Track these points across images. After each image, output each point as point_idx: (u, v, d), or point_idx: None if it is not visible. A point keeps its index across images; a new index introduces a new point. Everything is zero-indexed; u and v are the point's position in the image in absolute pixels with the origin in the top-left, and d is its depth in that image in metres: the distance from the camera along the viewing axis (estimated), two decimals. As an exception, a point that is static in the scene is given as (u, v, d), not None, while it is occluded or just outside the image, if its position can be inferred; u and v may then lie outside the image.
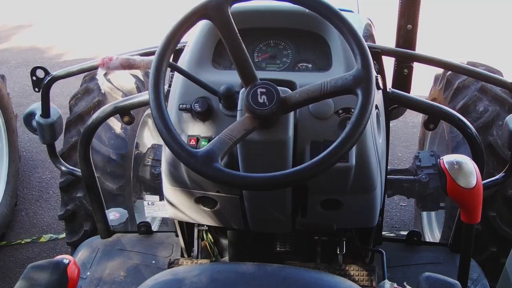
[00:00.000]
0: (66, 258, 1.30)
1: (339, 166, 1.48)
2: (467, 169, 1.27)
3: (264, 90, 1.30)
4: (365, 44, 1.31)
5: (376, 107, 1.65)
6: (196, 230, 2.00)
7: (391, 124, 1.94)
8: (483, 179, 1.92)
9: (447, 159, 1.28)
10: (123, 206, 2.58)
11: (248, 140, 1.36)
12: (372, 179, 1.57)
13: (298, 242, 1.99)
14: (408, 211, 3.34)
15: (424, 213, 3.00)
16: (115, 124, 2.66)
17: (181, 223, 1.99)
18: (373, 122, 1.58)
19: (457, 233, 2.02)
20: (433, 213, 3.01)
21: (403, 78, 2.42)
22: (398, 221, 3.30)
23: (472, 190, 1.27)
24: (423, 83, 2.94)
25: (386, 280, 1.77)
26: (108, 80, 2.75)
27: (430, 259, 2.01)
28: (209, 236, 2.02)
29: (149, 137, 3.10)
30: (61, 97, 4.56)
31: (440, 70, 2.98)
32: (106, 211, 2.20)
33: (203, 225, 1.97)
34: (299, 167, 1.22)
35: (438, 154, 2.85)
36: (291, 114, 1.40)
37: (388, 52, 1.92)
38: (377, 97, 1.70)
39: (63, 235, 3.07)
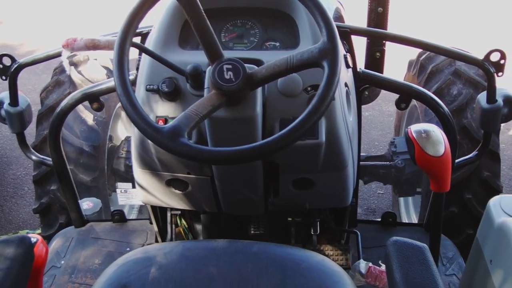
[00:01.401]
0: (34, 237, 1.28)
1: (309, 143, 1.47)
2: (435, 137, 1.27)
3: (230, 66, 1.30)
4: (330, 16, 1.30)
5: (346, 85, 1.65)
6: (169, 215, 1.99)
7: (367, 114, 1.95)
8: (456, 159, 1.93)
9: (414, 128, 1.27)
10: (98, 198, 2.55)
11: (216, 117, 1.36)
12: (343, 156, 1.56)
13: (272, 224, 1.98)
14: (385, 199, 3.35)
15: (401, 199, 3.00)
16: (87, 116, 2.63)
17: (154, 209, 1.97)
18: (343, 99, 1.57)
19: (430, 212, 2.03)
20: (410, 198, 3.01)
21: (375, 62, 2.42)
22: (376, 208, 3.30)
23: (440, 158, 1.27)
24: (399, 71, 2.94)
25: (361, 260, 1.77)
26: (79, 72, 2.72)
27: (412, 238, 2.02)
28: (183, 221, 2.00)
29: (122, 129, 3.07)
30: (34, 93, 4.50)
31: (414, 56, 2.99)
32: (80, 201, 2.18)
33: (176, 210, 1.96)
34: (266, 140, 1.22)
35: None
36: (259, 91, 1.39)
37: (358, 32, 1.91)
38: (347, 76, 1.70)
39: (39, 231, 3.03)
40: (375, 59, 2.41)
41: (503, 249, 1.14)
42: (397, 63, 3.20)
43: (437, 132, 1.27)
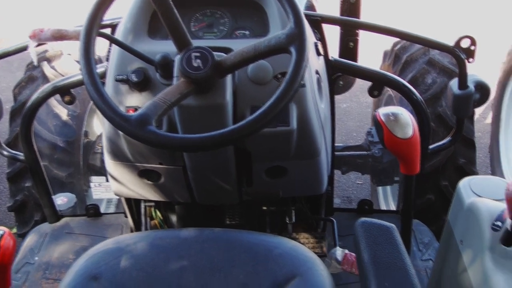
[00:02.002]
0: (0, 229, 1.26)
1: (280, 130, 1.47)
2: (403, 120, 1.27)
3: (198, 54, 1.30)
4: (297, 3, 1.30)
5: (317, 73, 1.65)
6: (143, 206, 1.97)
7: (345, 105, 1.96)
8: (430, 145, 1.94)
9: (383, 111, 1.28)
10: (74, 194, 2.53)
11: (185, 105, 1.35)
12: (315, 143, 1.56)
13: (247, 214, 1.97)
14: (364, 189, 3.36)
15: (380, 188, 3.01)
16: (61, 111, 2.61)
17: (129, 201, 1.95)
18: (314, 86, 1.57)
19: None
20: (388, 187, 3.03)
21: (349, 51, 2.43)
22: (355, 199, 3.31)
23: (409, 140, 1.27)
24: (375, 62, 2.95)
25: (338, 247, 1.77)
26: (53, 67, 2.69)
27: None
28: (158, 213, 1.99)
29: (98, 125, 3.04)
30: (8, 91, 4.44)
31: (388, 46, 3.00)
32: (53, 197, 2.16)
33: (150, 201, 1.94)
34: (234, 126, 1.22)
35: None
36: (228, 78, 1.39)
37: (329, 20, 1.91)
38: (318, 64, 1.70)
39: (15, 229, 2.99)
40: (348, 48, 2.42)
41: (472, 228, 1.14)
42: (372, 54, 3.21)
43: (405, 115, 1.27)
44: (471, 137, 2.55)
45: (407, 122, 1.26)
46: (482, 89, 1.91)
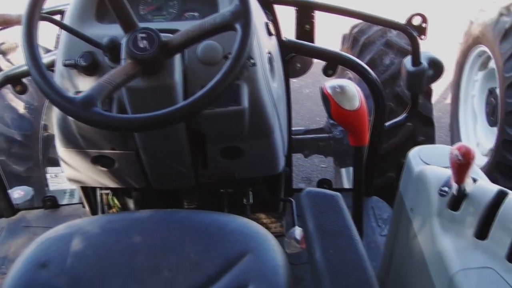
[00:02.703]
0: None
1: (231, 109, 1.47)
2: (350, 92, 1.27)
3: (144, 35, 1.29)
4: None
5: (270, 53, 1.65)
6: (98, 194, 1.95)
7: (307, 90, 1.96)
8: (386, 122, 1.96)
9: (329, 84, 1.28)
10: (34, 188, 2.49)
11: (134, 87, 1.35)
12: (268, 122, 1.56)
13: (205, 197, 1.96)
14: (328, 172, 3.37)
15: (343, 170, 3.03)
16: (18, 104, 2.56)
17: (85, 190, 1.93)
18: (265, 65, 1.57)
19: (365, 176, 2.05)
20: (351, 168, 3.04)
21: (305, 34, 2.42)
22: (320, 183, 3.32)
23: (356, 112, 1.27)
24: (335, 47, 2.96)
25: (296, 227, 1.78)
26: (8, 60, 2.64)
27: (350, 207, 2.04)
28: (116, 201, 1.97)
29: (58, 118, 2.99)
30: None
31: (347, 30, 3.02)
32: (10, 190, 2.11)
33: (106, 189, 1.92)
34: (181, 103, 1.21)
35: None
36: (177, 59, 1.39)
37: (281, 1, 1.91)
38: (270, 44, 1.70)
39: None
40: (305, 31, 2.41)
41: (421, 195, 1.15)
42: (332, 39, 3.21)
43: (352, 87, 1.27)
44: (428, 115, 2.58)
45: (354, 94, 1.27)
46: (435, 66, 1.93)
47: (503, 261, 0.99)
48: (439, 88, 4.33)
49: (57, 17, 1.74)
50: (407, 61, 1.92)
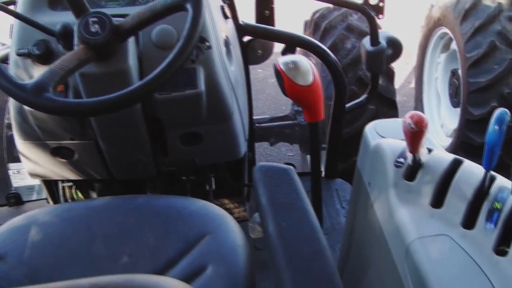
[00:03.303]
0: None
1: (188, 93, 1.46)
2: (303, 67, 1.26)
3: (95, 19, 1.28)
4: None
5: (226, 36, 1.64)
6: (61, 187, 1.91)
7: (273, 80, 1.94)
8: (346, 103, 1.96)
9: (282, 60, 1.27)
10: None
11: (88, 73, 1.33)
12: (226, 106, 1.55)
13: (168, 185, 1.95)
14: (296, 160, 3.37)
15: (309, 156, 3.03)
16: (-21, 102, 2.50)
17: (48, 183, 1.89)
18: (221, 48, 1.56)
19: (330, 161, 2.04)
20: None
21: (265, 20, 2.42)
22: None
23: (310, 87, 1.27)
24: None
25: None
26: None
27: (306, 188, 2.03)
28: (79, 194, 1.94)
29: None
30: None
31: (308, 16, 3.02)
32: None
33: (68, 182, 1.89)
34: (133, 86, 1.20)
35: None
36: (131, 44, 1.38)
37: None
38: (226, 27, 1.69)
39: None
40: (264, 17, 2.40)
41: (378, 168, 1.15)
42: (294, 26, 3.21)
43: (305, 62, 1.26)
44: (392, 97, 2.59)
45: (307, 69, 1.26)
46: (394, 45, 1.94)
47: (458, 228, 0.99)
48: (404, 73, 4.36)
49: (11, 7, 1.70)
50: (366, 41, 1.92)
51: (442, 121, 3.35)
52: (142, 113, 1.50)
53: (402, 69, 4.39)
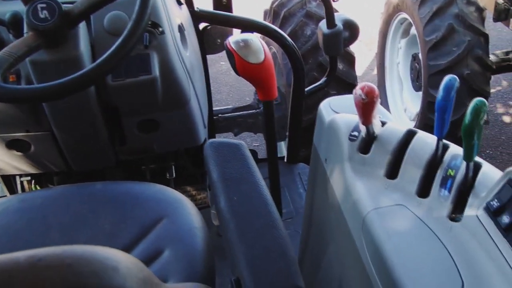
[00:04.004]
0: None
1: (143, 78, 1.45)
2: (254, 45, 1.25)
3: (44, 5, 1.27)
4: None
5: (181, 23, 1.63)
6: (19, 182, 1.87)
7: None
8: (306, 87, 1.95)
9: (232, 39, 1.25)
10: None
11: (39, 60, 1.32)
12: (182, 91, 1.53)
13: (128, 175, 1.92)
14: (261, 150, 3.36)
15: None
16: None
17: (7, 179, 1.85)
18: (175, 33, 1.55)
19: (292, 146, 2.04)
20: (282, 143, 3.04)
21: (223, 7, 2.40)
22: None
23: (261, 65, 1.25)
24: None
25: (222, 198, 1.74)
26: None
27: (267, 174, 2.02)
28: (38, 188, 1.90)
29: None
30: None
31: (267, 5, 3.01)
32: None
33: (27, 175, 1.85)
34: (83, 70, 1.18)
35: (277, 86, 2.87)
36: (82, 30, 1.37)
37: None
38: (180, 13, 1.68)
39: None
40: (222, 4, 2.39)
41: (333, 144, 1.14)
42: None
43: (256, 40, 1.25)
44: (353, 82, 2.59)
45: (258, 47, 1.25)
46: (351, 27, 1.94)
47: (413, 197, 0.99)
48: (366, 59, 4.38)
49: None
50: (322, 24, 1.92)
51: (405, 105, 3.38)
52: (97, 101, 1.48)
53: (365, 56, 4.42)
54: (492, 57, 3.06)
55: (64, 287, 0.54)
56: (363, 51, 4.47)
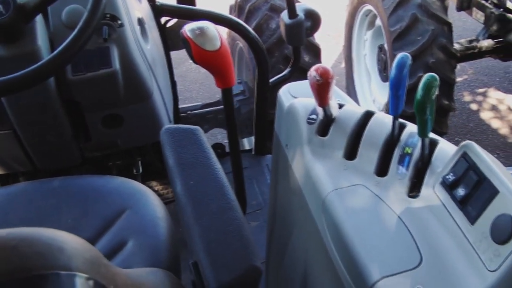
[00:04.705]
0: None
1: (103, 72, 1.44)
2: (210, 33, 1.25)
3: None
4: None
5: (142, 17, 1.62)
6: None
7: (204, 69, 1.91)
8: (270, 78, 1.95)
9: (188, 27, 1.25)
10: None
11: None
12: (144, 84, 1.52)
13: (94, 172, 1.90)
14: (232, 146, 3.35)
15: (245, 140, 3.02)
16: None
17: None
18: (134, 26, 1.54)
19: (258, 138, 2.04)
20: (252, 138, 3.04)
21: (187, 2, 2.39)
22: (225, 156, 3.29)
23: (218, 52, 1.25)
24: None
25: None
26: None
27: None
28: None
29: None
30: None
31: (233, 0, 3.01)
32: None
33: None
34: (39, 63, 1.16)
35: (245, 81, 2.87)
36: (39, 24, 1.36)
37: None
38: (140, 7, 1.67)
39: None
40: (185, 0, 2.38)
41: (293, 128, 1.14)
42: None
43: (211, 28, 1.25)
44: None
45: (214, 34, 1.24)
46: (312, 16, 1.94)
47: (372, 176, 1.00)
48: (334, 53, 4.41)
49: None
50: (284, 14, 1.92)
51: (374, 96, 3.40)
52: (59, 97, 1.46)
53: (333, 49, 4.44)
54: (456, 46, 3.10)
55: (9, 268, 0.53)
56: (330, 45, 4.49)
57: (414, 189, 0.95)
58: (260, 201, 1.94)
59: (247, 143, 3.03)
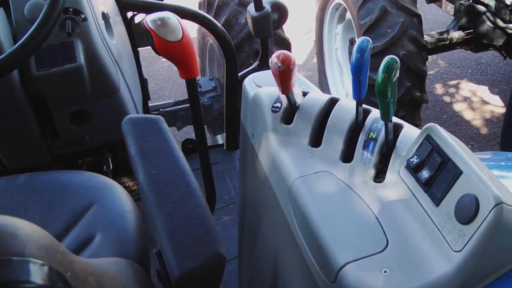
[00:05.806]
0: None
1: (68, 67, 1.42)
2: (171, 23, 1.23)
3: None
4: None
5: (105, 10, 1.59)
6: None
7: (175, 68, 1.89)
8: (239, 72, 1.94)
9: (149, 18, 1.23)
10: None
11: None
12: (110, 79, 1.50)
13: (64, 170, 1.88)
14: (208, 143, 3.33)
15: (219, 136, 3.01)
16: None
17: None
18: (98, 21, 1.52)
19: (230, 132, 2.03)
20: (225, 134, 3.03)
21: None
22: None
23: (180, 42, 1.23)
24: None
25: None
26: None
27: (214, 160, 2.01)
28: None
29: None
30: None
31: (202, -3, 2.99)
32: None
33: None
34: None
35: (217, 78, 2.86)
36: (1, 20, 1.34)
37: None
38: (106, 1, 1.65)
39: None
40: None
41: (258, 118, 1.13)
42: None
43: (173, 18, 1.23)
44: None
45: (176, 25, 1.23)
46: (279, 8, 1.93)
47: (337, 163, 0.99)
48: (306, 48, 4.41)
49: None
50: (251, 7, 1.91)
51: (347, 90, 3.40)
52: (24, 94, 1.44)
53: (304, 45, 4.44)
54: (427, 38, 3.12)
55: None
56: (301, 40, 4.49)
57: (380, 173, 0.94)
58: (232, 195, 1.93)
59: (221, 139, 3.02)
